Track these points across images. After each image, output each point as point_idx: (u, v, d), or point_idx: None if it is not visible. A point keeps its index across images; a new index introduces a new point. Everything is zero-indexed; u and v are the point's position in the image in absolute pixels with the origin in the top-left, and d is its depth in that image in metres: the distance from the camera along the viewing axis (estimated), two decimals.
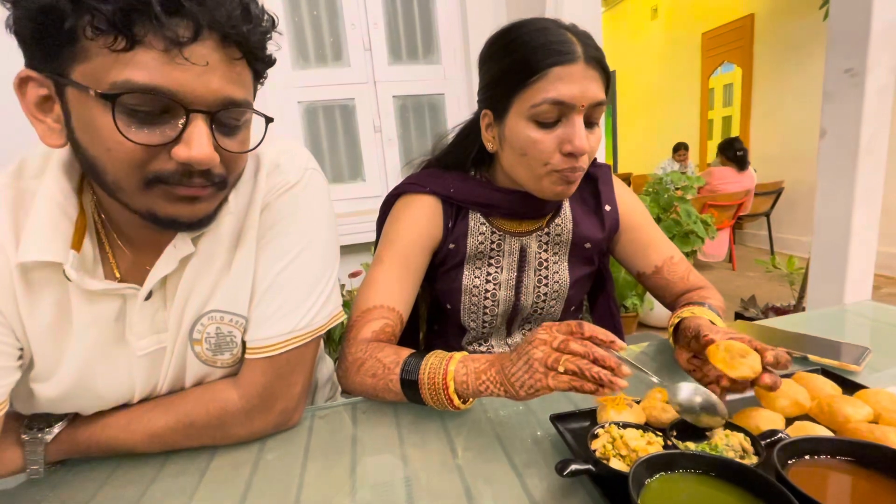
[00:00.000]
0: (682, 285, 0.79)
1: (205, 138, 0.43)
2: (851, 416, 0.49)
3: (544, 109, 0.62)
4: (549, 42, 0.62)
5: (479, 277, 0.79)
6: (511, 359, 0.51)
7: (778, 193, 4.00)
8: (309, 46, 1.94)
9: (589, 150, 0.64)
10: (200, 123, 0.43)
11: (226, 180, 0.49)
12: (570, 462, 0.42)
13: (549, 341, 0.48)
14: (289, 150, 0.59)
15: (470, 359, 0.55)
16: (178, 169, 0.44)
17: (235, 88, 0.44)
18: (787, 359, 0.50)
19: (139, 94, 0.40)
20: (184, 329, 0.55)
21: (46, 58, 0.41)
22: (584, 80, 0.61)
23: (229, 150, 0.47)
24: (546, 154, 0.64)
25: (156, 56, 0.39)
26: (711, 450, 0.45)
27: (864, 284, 1.63)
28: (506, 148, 0.69)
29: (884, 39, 1.45)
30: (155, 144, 0.42)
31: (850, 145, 1.52)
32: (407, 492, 0.48)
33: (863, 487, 0.39)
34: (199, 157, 0.43)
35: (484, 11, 1.99)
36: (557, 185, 0.67)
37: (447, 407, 0.56)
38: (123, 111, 0.40)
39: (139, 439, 0.55)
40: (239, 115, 0.47)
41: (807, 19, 3.75)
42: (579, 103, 0.61)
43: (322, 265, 0.60)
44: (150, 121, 0.42)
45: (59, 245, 0.47)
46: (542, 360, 0.47)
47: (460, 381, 0.54)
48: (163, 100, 0.41)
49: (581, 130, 0.62)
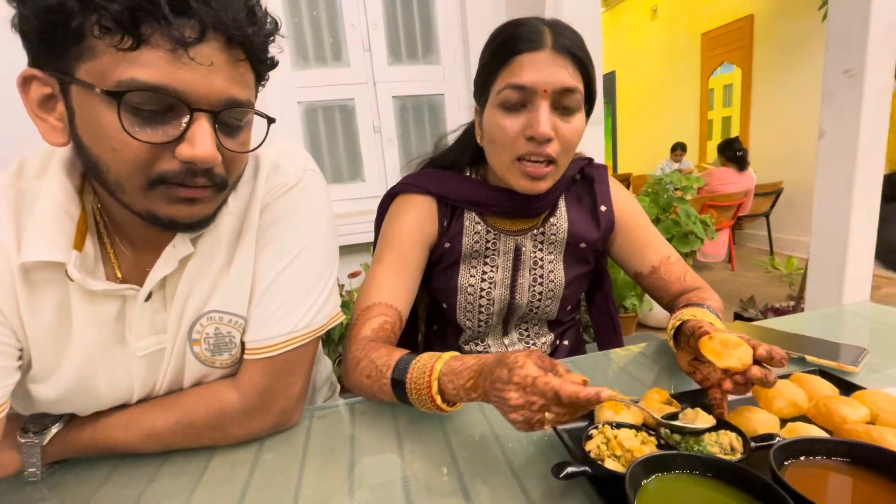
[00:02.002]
0: (679, 286, 0.80)
1: (208, 137, 0.43)
2: (848, 417, 0.49)
3: (507, 94, 0.64)
4: (520, 33, 0.64)
5: (475, 276, 0.80)
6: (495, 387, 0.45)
7: (777, 194, 4.01)
8: (309, 47, 1.94)
9: (558, 139, 0.65)
10: (204, 122, 0.43)
11: (226, 181, 0.49)
12: (566, 465, 0.42)
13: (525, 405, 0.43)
14: (288, 151, 0.60)
15: (453, 373, 0.52)
16: (181, 168, 0.44)
17: (239, 89, 0.45)
18: (781, 355, 0.49)
19: (145, 92, 0.40)
20: (183, 329, 0.55)
21: (52, 56, 0.41)
22: (549, 66, 0.63)
23: (231, 149, 0.47)
24: (511, 139, 0.66)
25: (162, 55, 0.40)
26: (696, 443, 0.45)
27: (863, 285, 1.63)
28: (485, 138, 0.72)
29: (882, 40, 1.45)
30: (159, 143, 0.42)
31: (849, 146, 1.52)
32: (405, 492, 0.48)
33: (859, 488, 0.39)
34: (203, 155, 0.43)
35: (483, 12, 1.99)
36: (523, 179, 0.68)
37: (432, 409, 0.54)
38: (128, 110, 0.41)
39: (138, 439, 0.55)
40: (241, 115, 0.47)
41: (806, 20, 3.76)
42: (541, 88, 0.63)
43: (321, 266, 0.60)
44: (153, 120, 0.42)
45: (62, 245, 0.47)
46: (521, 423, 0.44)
47: (446, 390, 0.52)
48: (167, 99, 0.41)
49: (543, 116, 0.63)
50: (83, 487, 0.53)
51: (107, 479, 0.54)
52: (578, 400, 0.41)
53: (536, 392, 0.42)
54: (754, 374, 0.49)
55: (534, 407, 0.42)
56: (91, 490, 0.52)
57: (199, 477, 0.53)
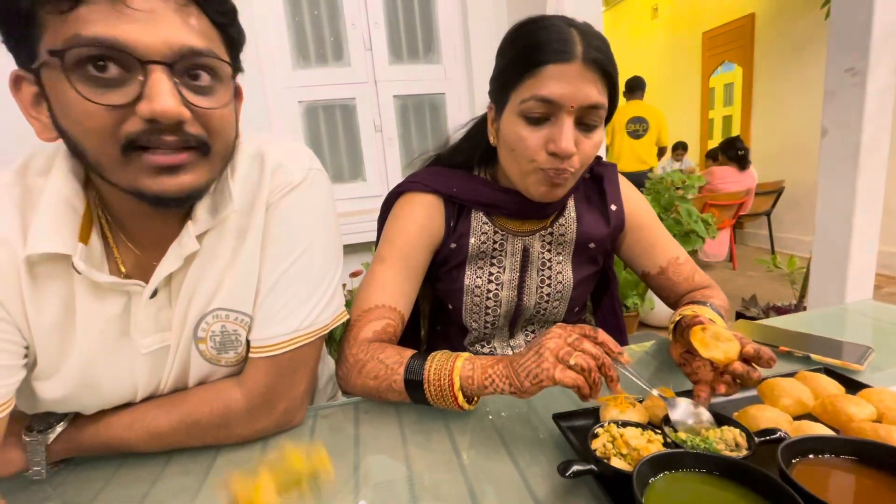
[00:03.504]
0: (687, 285, 0.79)
1: (166, 90, 0.42)
2: (855, 416, 0.49)
3: (532, 106, 0.61)
4: (549, 39, 0.61)
5: (482, 277, 0.79)
6: (521, 352, 0.52)
7: (779, 193, 4.00)
8: (310, 46, 1.94)
9: (578, 154, 0.63)
10: (160, 75, 0.42)
11: (207, 143, 0.47)
12: (572, 463, 0.42)
13: (563, 336, 0.50)
14: (292, 150, 0.59)
15: (476, 357, 0.57)
16: (146, 127, 0.42)
17: (192, 37, 0.43)
18: (769, 356, 0.51)
19: (90, 48, 0.39)
20: (188, 327, 0.55)
21: (21, 49, 0.42)
22: (578, 80, 0.60)
23: (201, 106, 0.45)
24: (531, 151, 0.64)
25: (100, 9, 0.40)
26: (702, 441, 0.45)
27: (866, 283, 1.63)
28: (500, 143, 0.69)
29: (885, 39, 1.45)
30: (119, 105, 0.41)
31: (852, 144, 1.52)
32: (410, 491, 0.48)
33: (867, 486, 0.39)
34: (162, 108, 0.41)
35: (484, 11, 1.98)
36: (541, 186, 0.66)
37: (452, 406, 0.56)
38: (82, 75, 0.40)
39: (142, 438, 0.55)
40: (205, 65, 0.45)
41: (808, 18, 3.75)
42: (568, 103, 0.60)
43: (325, 265, 0.60)
44: (110, 83, 0.41)
45: (68, 237, 0.47)
46: (553, 351, 0.49)
47: (465, 377, 0.54)
48: (115, 54, 0.40)
49: (567, 132, 0.61)
50: (87, 486, 0.53)
51: (111, 478, 0.54)
52: (608, 344, 0.49)
53: (576, 330, 0.50)
54: (736, 368, 0.51)
55: (569, 339, 0.49)
56: (95, 489, 0.52)
57: (203, 476, 0.53)
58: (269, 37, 1.87)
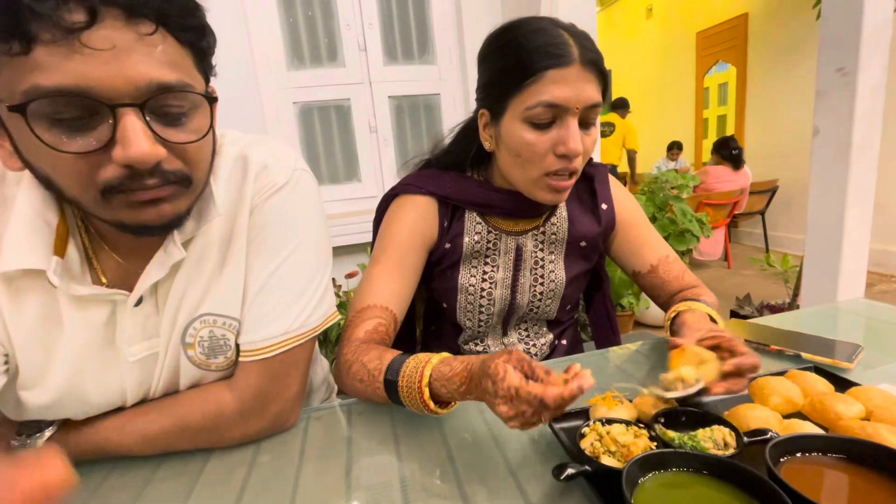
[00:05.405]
0: (677, 284, 0.80)
1: (140, 134, 0.39)
2: (843, 414, 0.49)
3: (538, 112, 0.62)
4: (545, 44, 0.61)
5: (475, 276, 0.80)
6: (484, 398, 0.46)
7: (773, 192, 4.02)
8: (304, 47, 1.93)
9: (584, 152, 0.65)
10: (131, 118, 0.39)
11: (188, 176, 0.45)
12: (566, 466, 0.42)
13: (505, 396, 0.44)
14: (276, 151, 0.58)
15: (453, 359, 0.52)
16: (124, 173, 0.40)
17: (160, 70, 0.39)
18: (750, 364, 0.53)
19: (53, 98, 0.36)
20: (176, 334, 0.54)
21: None
22: (579, 82, 0.62)
23: (177, 141, 0.42)
24: (540, 155, 0.65)
25: (58, 50, 0.35)
26: (689, 439, 0.45)
27: (858, 282, 1.64)
28: (502, 148, 0.69)
29: (875, 39, 1.46)
30: (91, 151, 0.39)
31: (843, 143, 1.53)
32: (402, 493, 0.48)
33: (855, 484, 0.39)
34: (136, 155, 0.39)
35: (479, 11, 1.99)
36: (549, 193, 0.68)
37: (423, 411, 0.53)
38: (46, 123, 0.37)
39: (133, 442, 0.54)
40: (177, 100, 0.42)
41: (800, 19, 3.77)
42: (573, 106, 0.62)
43: (314, 266, 0.59)
44: (79, 127, 0.38)
45: (40, 252, 0.45)
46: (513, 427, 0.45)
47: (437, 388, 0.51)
48: (79, 100, 0.37)
49: (575, 133, 0.63)
50: (79, 491, 0.52)
51: (102, 482, 0.54)
52: (564, 400, 0.42)
53: (523, 402, 0.43)
54: (717, 392, 0.53)
55: (525, 414, 0.43)
56: (87, 494, 0.52)
57: (195, 479, 0.53)
58: (263, 38, 1.86)
